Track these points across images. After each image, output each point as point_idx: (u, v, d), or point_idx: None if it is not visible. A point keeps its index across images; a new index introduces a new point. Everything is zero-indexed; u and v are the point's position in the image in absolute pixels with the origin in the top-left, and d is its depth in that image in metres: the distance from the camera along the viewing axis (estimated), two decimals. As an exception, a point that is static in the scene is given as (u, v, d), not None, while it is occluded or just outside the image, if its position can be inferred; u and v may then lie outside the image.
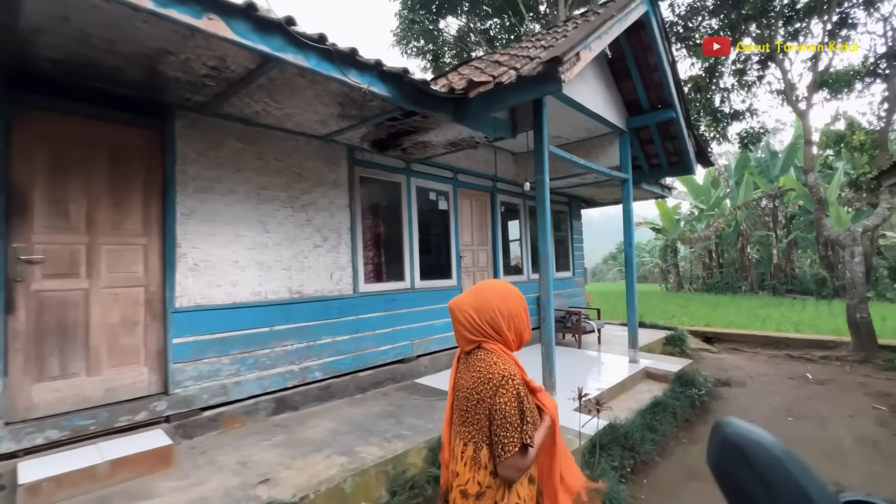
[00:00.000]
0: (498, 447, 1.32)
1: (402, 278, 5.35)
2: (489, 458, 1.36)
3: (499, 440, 1.32)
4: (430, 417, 3.94)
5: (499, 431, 1.32)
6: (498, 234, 6.91)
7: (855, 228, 8.29)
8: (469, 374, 1.42)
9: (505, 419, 1.32)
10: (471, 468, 1.38)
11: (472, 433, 1.39)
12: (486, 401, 1.35)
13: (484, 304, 1.45)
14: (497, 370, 1.37)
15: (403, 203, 5.43)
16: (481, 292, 1.49)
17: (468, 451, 1.39)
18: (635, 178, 7.10)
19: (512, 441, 1.31)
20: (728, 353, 8.79)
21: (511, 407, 1.33)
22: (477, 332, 1.44)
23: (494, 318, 1.44)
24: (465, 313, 1.45)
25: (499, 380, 1.35)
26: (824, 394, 5.96)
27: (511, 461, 1.32)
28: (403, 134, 4.36)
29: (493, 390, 1.34)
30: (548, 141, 4.27)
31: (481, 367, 1.39)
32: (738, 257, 22.52)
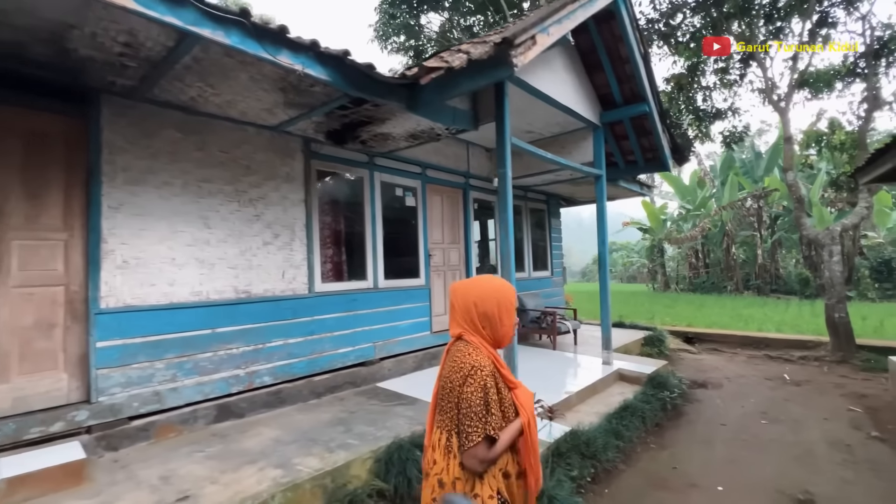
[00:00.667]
0: (462, 436, 1.34)
1: (365, 277, 5.12)
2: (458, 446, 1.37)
3: (462, 429, 1.34)
4: (381, 424, 3.72)
5: (463, 420, 1.34)
6: (471, 232, 6.70)
7: (833, 227, 8.22)
8: (447, 363, 1.46)
9: (470, 409, 1.33)
10: (444, 456, 1.40)
11: (444, 421, 1.41)
12: (456, 390, 1.37)
13: (485, 296, 1.46)
14: (468, 360, 1.38)
15: (366, 199, 5.20)
16: (483, 282, 1.51)
17: (443, 440, 1.41)
18: (612, 174, 6.95)
19: (475, 431, 1.32)
20: (708, 353, 8.68)
21: (476, 397, 1.34)
22: (467, 322, 1.46)
23: (490, 311, 1.46)
24: (464, 299, 1.48)
25: (468, 370, 1.37)
26: (801, 395, 5.84)
27: (473, 451, 1.32)
28: (359, 125, 4.13)
29: (462, 380, 1.36)
30: (510, 133, 4.08)
31: (457, 356, 1.42)
32: (723, 257, 22.64)
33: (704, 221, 21.29)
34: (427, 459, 1.49)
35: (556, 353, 6.53)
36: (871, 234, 18.80)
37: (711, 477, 3.64)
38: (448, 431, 1.40)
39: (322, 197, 4.80)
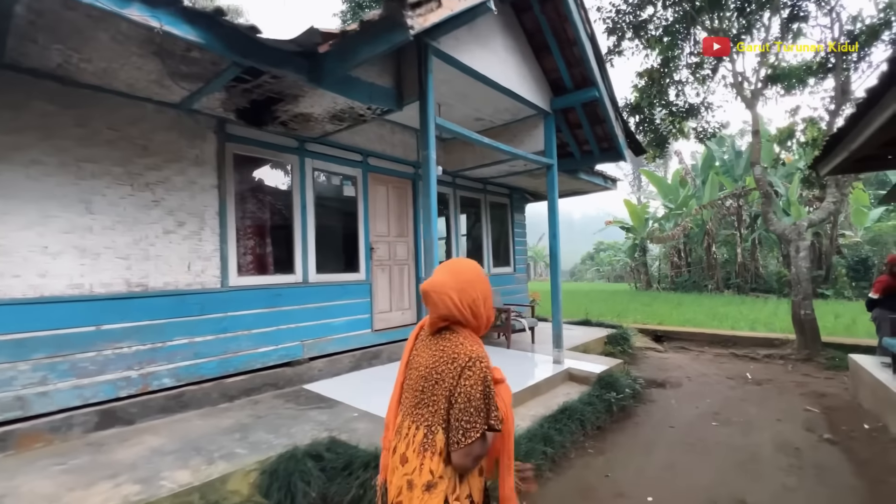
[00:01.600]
0: (458, 433, 1.22)
1: (292, 271, 4.76)
2: (445, 443, 1.25)
3: (459, 425, 1.22)
4: (285, 431, 3.37)
5: (461, 416, 1.22)
6: (420, 227, 6.36)
7: (800, 223, 8.04)
8: (430, 352, 1.33)
9: (469, 402, 1.22)
10: (419, 454, 1.26)
11: (424, 415, 1.29)
12: (448, 381, 1.26)
13: (466, 286, 1.34)
14: (464, 350, 1.28)
15: (295, 186, 4.84)
16: (460, 273, 1.37)
17: (419, 436, 1.28)
18: (568, 165, 6.67)
19: (475, 427, 1.21)
20: (675, 351, 8.44)
21: (477, 390, 1.23)
22: (453, 315, 1.33)
23: (475, 301, 1.35)
24: (444, 295, 1.33)
25: (465, 360, 1.26)
26: (759, 395, 5.59)
27: (469, 448, 1.21)
28: (270, 102, 3.78)
29: (458, 371, 1.25)
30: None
31: (446, 346, 1.31)
32: (704, 256, 22.60)
33: (686, 220, 21.22)
34: (393, 458, 1.34)
35: (509, 352, 6.22)
36: (848, 232, 18.83)
37: (644, 485, 3.35)
38: (429, 427, 1.27)
39: (242, 183, 4.43)
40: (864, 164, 5.75)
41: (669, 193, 23.83)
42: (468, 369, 1.25)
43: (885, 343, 4.55)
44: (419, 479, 1.25)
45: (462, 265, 1.41)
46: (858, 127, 4.12)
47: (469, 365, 1.25)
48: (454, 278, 1.36)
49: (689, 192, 22.75)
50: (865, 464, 3.68)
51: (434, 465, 1.24)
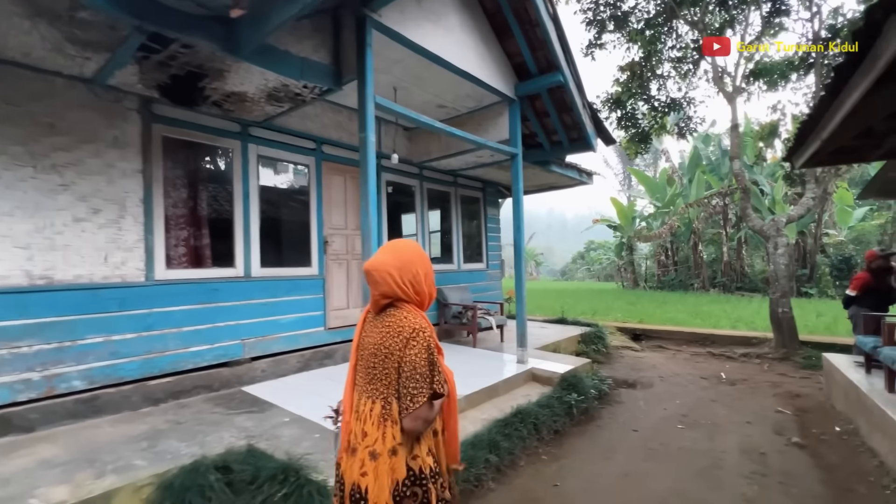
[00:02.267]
0: (406, 399, 1.31)
1: (232, 264, 4.43)
2: (398, 411, 1.33)
3: (407, 392, 1.32)
4: (200, 439, 3.06)
5: (408, 383, 1.32)
6: (382, 218, 6.06)
7: (778, 219, 7.85)
8: (377, 330, 1.40)
9: (415, 370, 1.32)
10: (379, 425, 1.34)
11: (379, 389, 1.37)
12: (396, 353, 1.34)
13: (406, 264, 1.42)
14: (408, 323, 1.36)
15: (237, 174, 4.51)
16: (400, 252, 1.45)
17: (376, 409, 1.36)
18: (538, 157, 6.40)
19: (421, 392, 1.31)
20: (652, 350, 8.22)
21: (421, 358, 1.33)
22: (395, 292, 1.41)
23: (416, 277, 1.43)
24: (385, 273, 1.40)
25: (409, 332, 1.35)
26: (731, 395, 5.36)
27: (419, 412, 1.31)
28: (194, 78, 3.45)
29: (404, 342, 1.34)
30: (373, 92, 3.46)
31: (391, 321, 1.39)
32: (691, 255, 22.55)
33: (672, 219, 21.10)
34: (353, 435, 1.40)
35: (474, 351, 5.94)
36: (832, 231, 18.82)
37: (594, 496, 3.08)
38: (384, 399, 1.36)
39: (174, 169, 4.10)
40: (840, 156, 5.53)
41: (657, 192, 23.74)
42: (412, 339, 1.33)
43: (858, 342, 4.33)
44: (383, 447, 1.32)
45: (401, 245, 1.48)
46: (829, 112, 3.88)
47: (413, 336, 1.34)
48: (394, 257, 1.43)
49: (676, 190, 22.67)
50: (833, 470, 3.44)
51: (395, 432, 1.33)
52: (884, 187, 6.13)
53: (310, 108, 5.12)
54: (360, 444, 1.36)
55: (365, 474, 1.33)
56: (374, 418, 1.36)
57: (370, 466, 1.32)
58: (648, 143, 12.31)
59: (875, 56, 2.59)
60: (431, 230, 7.13)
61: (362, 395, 1.41)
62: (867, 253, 5.58)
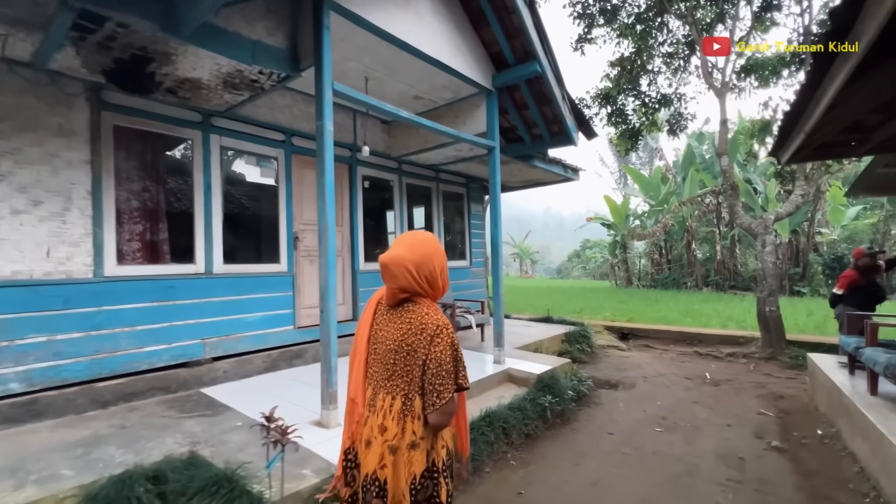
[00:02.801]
0: (433, 395, 1.33)
1: (192, 260, 4.24)
2: (421, 407, 1.36)
3: (433, 388, 1.33)
4: (141, 446, 2.88)
5: (433, 380, 1.33)
6: (358, 214, 5.87)
7: (767, 216, 7.71)
8: (396, 325, 1.40)
9: (441, 367, 1.33)
10: (399, 421, 1.36)
11: (400, 385, 1.37)
12: (420, 351, 1.35)
13: (424, 259, 1.40)
14: (431, 320, 1.37)
15: (197, 166, 4.31)
16: (418, 246, 1.42)
17: (396, 405, 1.37)
18: (518, 151, 6.23)
19: (447, 388, 1.33)
20: (638, 350, 8.07)
21: (446, 354, 1.34)
22: (413, 287, 1.40)
23: (433, 273, 1.42)
24: (402, 268, 1.38)
25: (433, 329, 1.35)
26: (714, 396, 5.21)
27: (445, 407, 1.33)
28: (140, 63, 3.26)
29: (428, 339, 1.35)
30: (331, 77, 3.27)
31: (412, 318, 1.38)
32: (685, 253, 22.46)
33: (666, 217, 20.97)
34: (369, 428, 1.41)
35: (452, 351, 5.78)
36: (825, 230, 18.75)
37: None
38: (406, 395, 1.36)
39: (127, 160, 3.90)
40: (827, 151, 5.39)
41: (651, 190, 23.62)
42: (437, 337, 1.34)
43: (841, 342, 4.19)
44: (403, 442, 1.34)
45: (419, 238, 1.45)
46: (812, 104, 3.72)
47: (438, 333, 1.35)
48: (412, 252, 1.40)
49: (670, 188, 22.56)
50: (812, 476, 3.29)
51: (416, 428, 1.35)
52: (872, 183, 5.98)
53: (279, 98, 4.94)
54: (376, 438, 1.38)
55: (384, 467, 1.35)
56: (394, 414, 1.37)
57: (389, 460, 1.34)
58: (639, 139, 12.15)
59: (854, 39, 2.43)
60: (412, 226, 6.94)
61: (380, 391, 1.42)
62: (855, 251, 5.44)
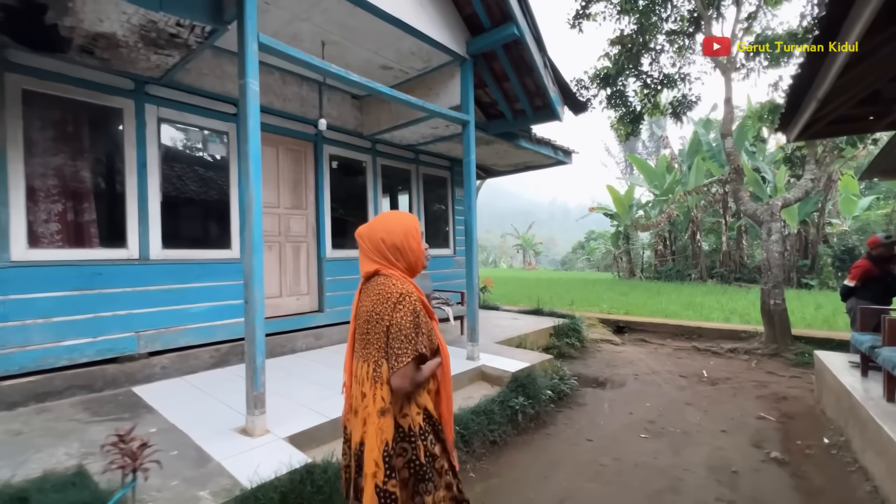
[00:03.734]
0: (392, 358, 1.38)
1: (123, 244, 3.81)
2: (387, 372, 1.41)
3: (392, 351, 1.38)
4: (25, 457, 2.47)
5: (393, 343, 1.38)
6: (324, 197, 5.41)
7: (774, 202, 7.15)
8: (369, 297, 1.48)
9: (400, 331, 1.38)
10: (372, 386, 1.42)
11: (372, 353, 1.45)
12: (385, 317, 1.41)
13: (393, 233, 1.49)
14: (395, 289, 1.43)
15: (130, 139, 3.86)
16: (389, 222, 1.53)
17: (370, 372, 1.44)
18: (501, 128, 5.72)
19: (405, 352, 1.37)
20: (633, 344, 7.60)
21: (406, 320, 1.39)
22: (382, 258, 1.49)
23: (402, 245, 1.49)
24: (371, 240, 1.50)
25: (397, 297, 1.41)
26: (710, 397, 4.74)
27: (403, 371, 1.36)
28: (33, 10, 2.79)
29: (392, 306, 1.40)
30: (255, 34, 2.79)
31: (380, 289, 1.45)
32: (689, 244, 21.83)
33: (671, 207, 20.32)
34: (354, 398, 1.50)
35: (425, 346, 5.35)
36: (835, 221, 18.04)
37: (513, 531, 2.49)
38: (376, 361, 1.43)
39: (42, 130, 3.46)
40: (840, 127, 4.85)
41: (655, 179, 22.93)
42: (399, 304, 1.40)
43: (853, 339, 3.69)
44: (374, 408, 1.40)
45: (391, 215, 1.56)
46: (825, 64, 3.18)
47: (400, 300, 1.40)
48: (382, 226, 1.51)
49: (675, 178, 21.87)
50: (816, 495, 2.83)
51: (384, 393, 1.40)
52: (891, 165, 5.42)
53: (229, 65, 4.47)
54: (360, 406, 1.45)
55: (366, 432, 1.41)
56: (369, 380, 1.43)
57: (370, 423, 1.40)
58: (640, 123, 11.55)
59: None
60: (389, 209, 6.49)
61: (359, 360, 1.50)
62: (870, 239, 4.91)
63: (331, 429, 2.99)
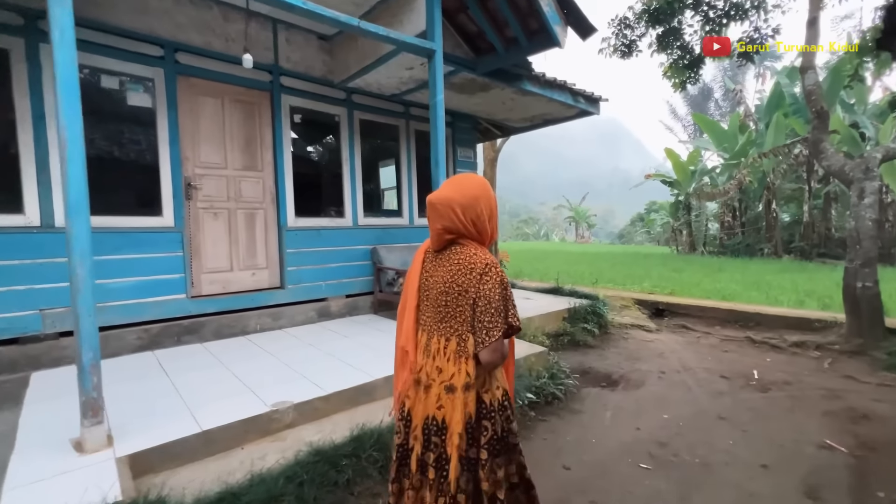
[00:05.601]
0: (482, 333, 1.32)
1: (20, 210, 3.31)
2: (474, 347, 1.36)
3: (482, 326, 1.32)
4: None
5: (482, 317, 1.33)
6: (285, 156, 4.69)
7: (870, 155, 5.46)
8: (445, 268, 1.42)
9: (489, 304, 1.32)
10: (455, 361, 1.38)
11: (454, 327, 1.39)
12: (470, 290, 1.35)
13: (471, 202, 1.39)
14: (479, 259, 1.37)
15: (20, 87, 3.29)
16: (465, 189, 1.41)
17: (451, 346, 1.39)
18: (491, 65, 4.61)
19: (496, 326, 1.32)
20: (670, 332, 6.36)
21: (495, 293, 1.33)
22: (458, 228, 1.40)
23: (480, 217, 1.41)
24: (448, 208, 1.39)
25: (482, 267, 1.36)
26: (755, 410, 3.58)
27: (496, 345, 1.32)
28: None
29: (478, 278, 1.35)
30: None
31: (461, 259, 1.39)
32: (764, 214, 19.05)
33: (742, 173, 17.72)
34: (423, 373, 1.43)
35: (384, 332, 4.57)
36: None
37: None
38: (459, 335, 1.38)
39: None
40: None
41: (725, 141, 20.14)
42: (485, 275, 1.34)
43: None
44: (459, 381, 1.36)
45: (467, 181, 1.44)
46: None
47: (486, 271, 1.34)
48: (460, 193, 1.39)
49: (750, 138, 19.01)
50: None
51: (470, 368, 1.36)
52: None
53: None
54: (434, 381, 1.40)
55: (441, 407, 1.37)
56: (448, 354, 1.39)
57: (446, 399, 1.37)
58: (699, 69, 9.70)
59: None
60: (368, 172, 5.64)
61: (433, 334, 1.43)
62: None
63: (201, 444, 2.31)
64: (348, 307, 5.13)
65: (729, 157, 19.50)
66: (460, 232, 1.40)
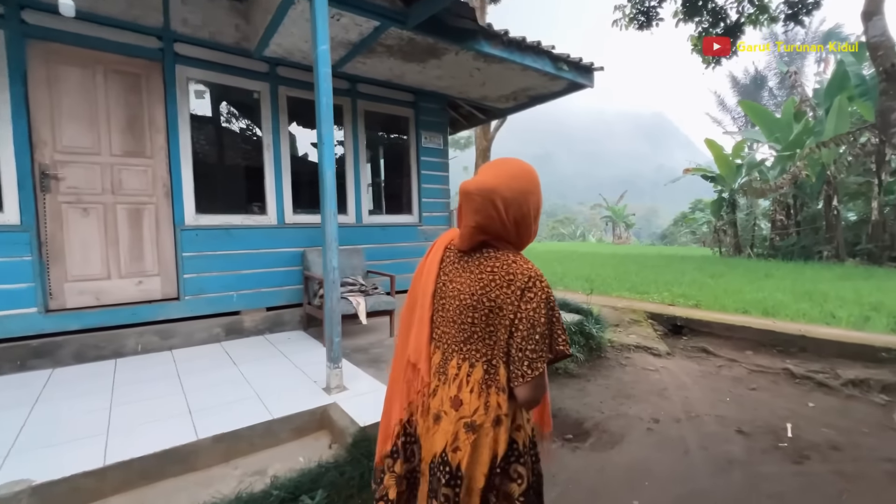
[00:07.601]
0: (523, 364, 1.02)
1: None
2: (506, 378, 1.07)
3: (524, 356, 1.02)
4: None
5: (524, 345, 1.02)
6: (181, 141, 3.87)
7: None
8: (475, 276, 1.10)
9: (533, 329, 1.02)
10: (480, 393, 1.07)
11: (482, 350, 1.08)
12: (507, 308, 1.05)
13: (518, 196, 1.05)
14: (519, 270, 1.06)
15: None
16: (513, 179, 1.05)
17: (476, 373, 1.08)
18: (425, 12, 3.57)
19: (541, 357, 1.02)
20: (685, 356, 5.07)
21: (540, 314, 1.03)
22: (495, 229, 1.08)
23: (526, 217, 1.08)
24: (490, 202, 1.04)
25: (524, 281, 1.04)
26: (783, 498, 2.37)
27: (538, 381, 1.03)
28: None
29: (518, 294, 1.04)
30: None
31: (495, 267, 1.08)
32: (822, 212, 16.75)
33: (797, 165, 15.60)
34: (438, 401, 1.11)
35: (312, 353, 3.63)
36: None
37: None
38: (489, 362, 1.08)
39: None
40: None
41: (777, 130, 17.94)
42: (529, 291, 1.04)
43: None
44: (486, 419, 1.06)
45: (517, 168, 1.08)
46: None
47: (529, 286, 1.04)
48: (506, 184, 1.05)
49: (806, 126, 16.78)
50: None
51: (501, 401, 1.07)
52: None
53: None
54: (447, 414, 1.09)
55: (458, 450, 1.06)
56: (472, 384, 1.08)
57: (465, 439, 1.05)
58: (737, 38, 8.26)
59: None
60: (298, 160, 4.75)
61: (453, 356, 1.12)
62: None
63: None
64: (269, 322, 4.25)
65: (782, 148, 17.30)
66: (497, 233, 1.09)
